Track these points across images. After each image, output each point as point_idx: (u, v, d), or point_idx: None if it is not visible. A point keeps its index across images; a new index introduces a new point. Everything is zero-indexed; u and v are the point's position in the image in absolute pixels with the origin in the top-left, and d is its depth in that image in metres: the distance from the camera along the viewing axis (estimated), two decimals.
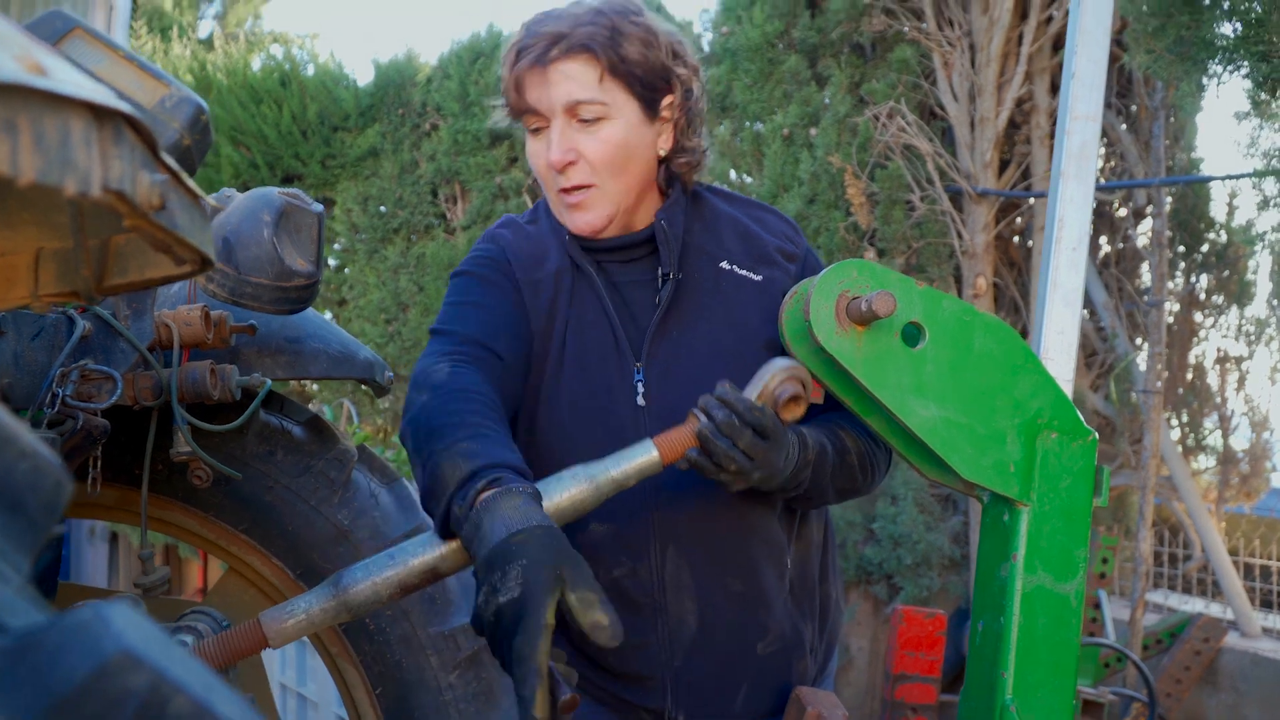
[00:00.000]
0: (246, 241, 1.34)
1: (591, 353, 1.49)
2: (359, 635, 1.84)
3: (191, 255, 0.71)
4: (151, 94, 0.77)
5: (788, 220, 1.62)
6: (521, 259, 1.54)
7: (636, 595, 1.49)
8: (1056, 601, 1.43)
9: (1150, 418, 3.23)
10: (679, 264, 1.50)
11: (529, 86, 1.41)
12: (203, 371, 1.38)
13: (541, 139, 1.44)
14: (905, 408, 1.39)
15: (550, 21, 1.42)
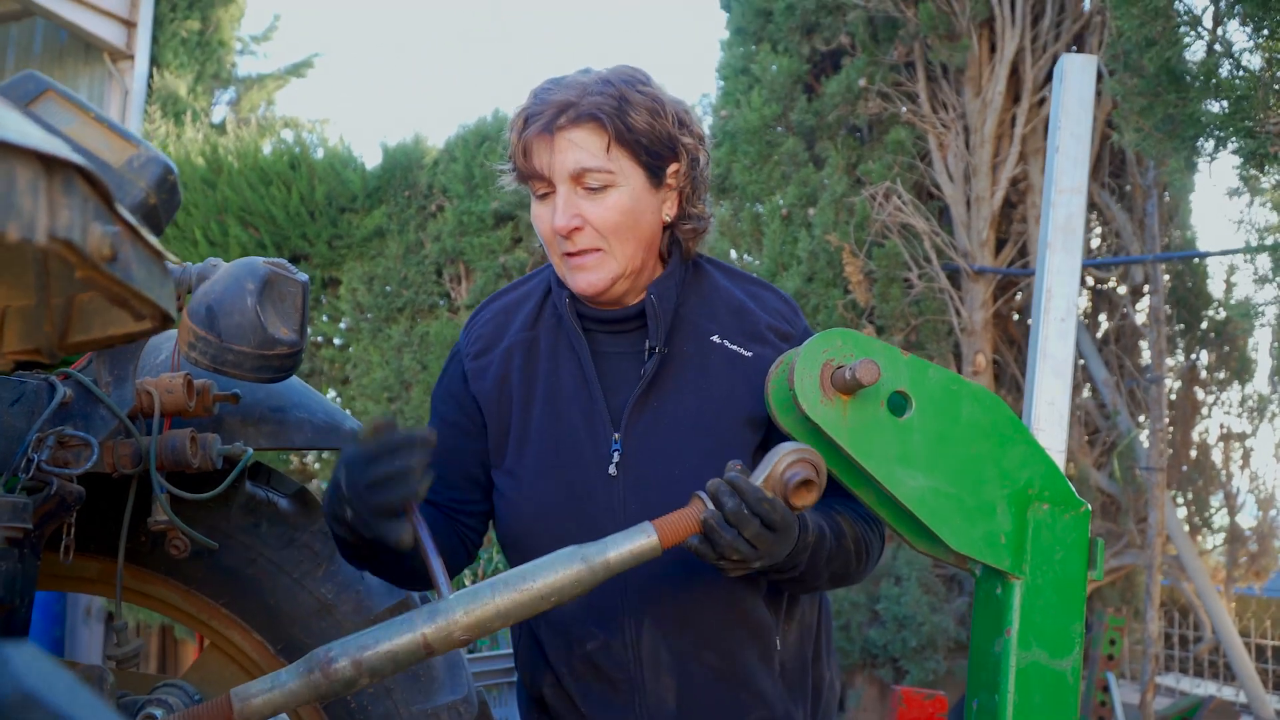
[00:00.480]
0: (230, 309, 1.34)
1: (565, 421, 1.48)
2: (340, 714, 1.80)
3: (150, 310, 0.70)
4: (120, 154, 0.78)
5: (787, 300, 1.61)
6: (478, 346, 1.56)
7: (611, 670, 1.45)
8: (1053, 678, 1.39)
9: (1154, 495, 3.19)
10: (667, 337, 1.49)
11: (536, 152, 1.42)
12: (182, 439, 1.37)
13: (547, 204, 1.45)
14: (892, 478, 1.37)
15: (559, 90, 1.43)
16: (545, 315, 1.56)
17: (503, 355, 1.53)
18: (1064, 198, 1.71)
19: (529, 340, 1.53)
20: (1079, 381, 4.20)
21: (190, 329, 1.35)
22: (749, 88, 4.70)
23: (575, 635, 1.46)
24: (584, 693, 1.47)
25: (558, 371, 1.51)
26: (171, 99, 8.32)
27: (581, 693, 1.47)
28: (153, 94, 8.31)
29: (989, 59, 3.91)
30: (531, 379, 1.52)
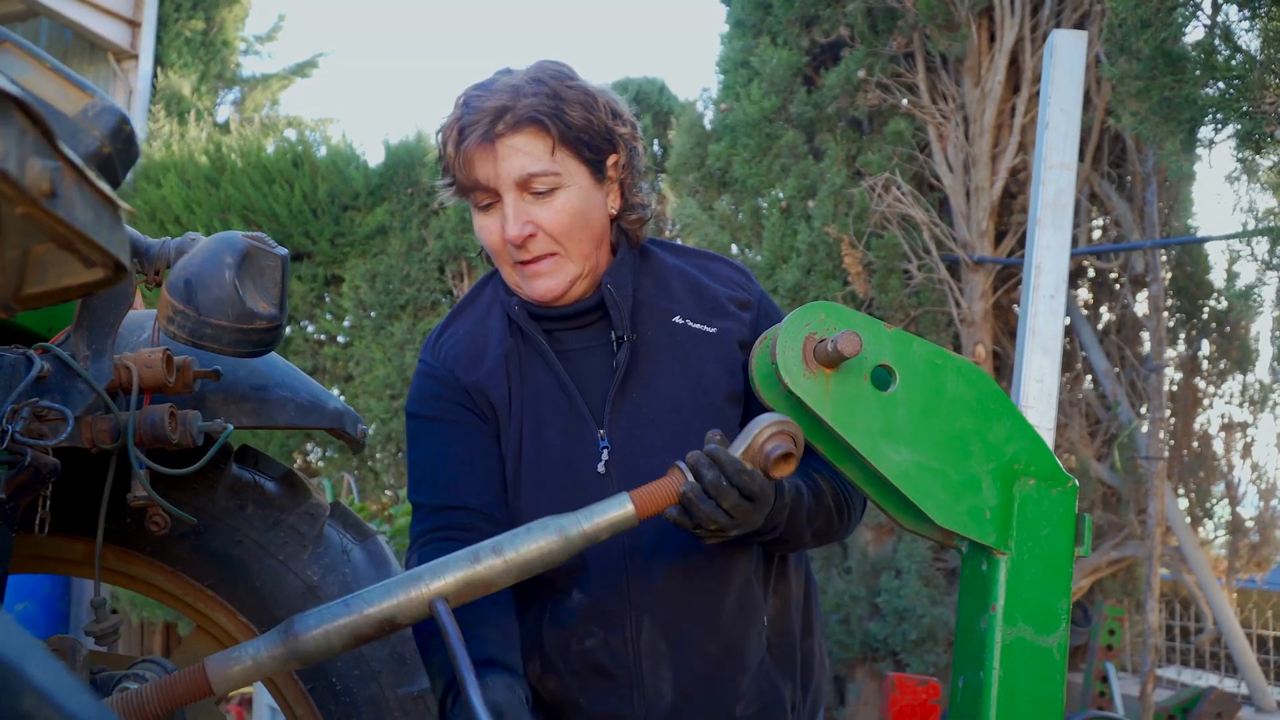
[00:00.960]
0: (207, 283, 1.33)
1: (549, 426, 1.46)
2: (326, 697, 1.79)
3: (100, 256, 0.69)
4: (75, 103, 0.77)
5: (737, 266, 1.60)
6: (464, 363, 1.52)
7: (610, 666, 1.44)
8: (1038, 655, 1.37)
9: (1153, 485, 3.17)
10: (631, 324, 1.47)
11: (478, 163, 1.38)
12: (161, 415, 1.36)
13: (493, 214, 1.42)
14: (876, 452, 1.36)
15: (490, 96, 1.39)
16: (512, 328, 1.53)
17: (503, 362, 1.50)
18: (1054, 173, 1.70)
19: (517, 349, 1.51)
20: (1080, 373, 4.18)
21: (169, 303, 1.35)
22: (748, 81, 4.68)
23: (576, 634, 1.45)
24: (582, 687, 1.47)
25: (533, 379, 1.49)
26: (175, 98, 8.35)
27: (579, 687, 1.47)
28: (157, 93, 8.33)
29: (988, 49, 3.90)
30: (518, 387, 1.50)
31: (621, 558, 1.42)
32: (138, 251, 1.36)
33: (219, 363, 1.57)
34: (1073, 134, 1.64)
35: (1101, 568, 3.83)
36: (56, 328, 1.49)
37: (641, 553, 1.43)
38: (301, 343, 7.23)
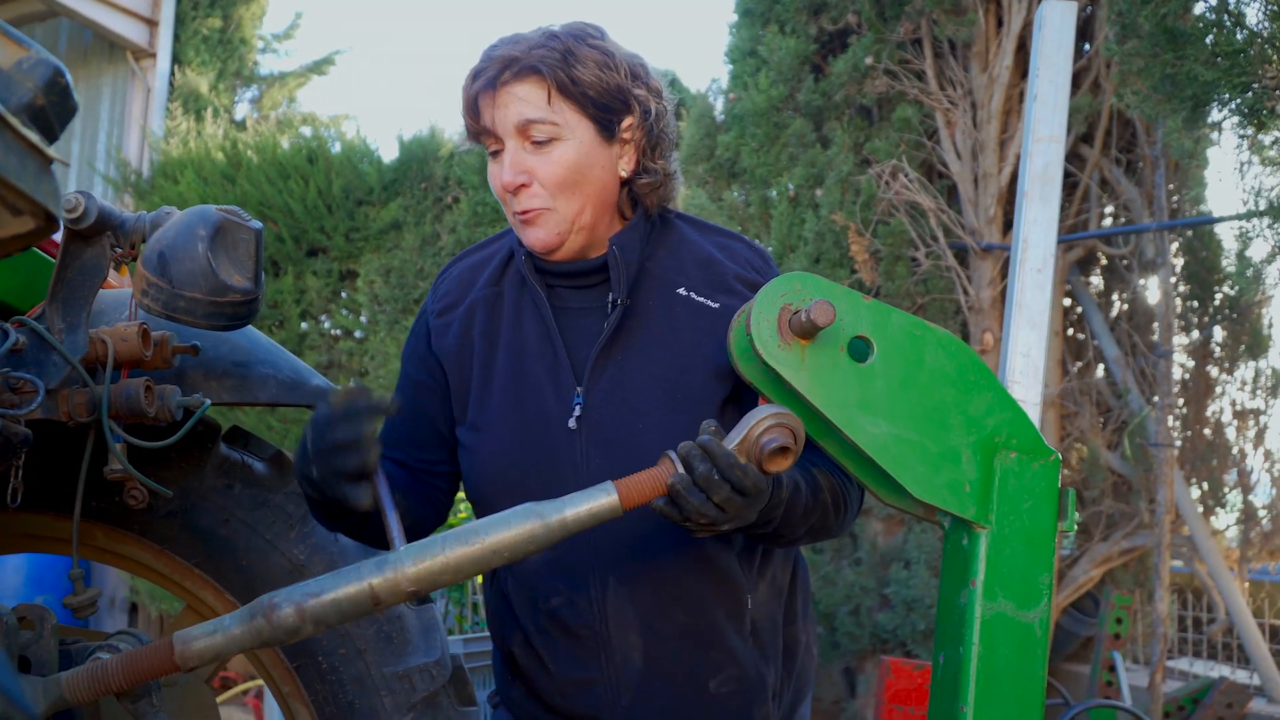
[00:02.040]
0: (181, 256, 1.33)
1: (528, 376, 1.47)
2: (311, 675, 1.79)
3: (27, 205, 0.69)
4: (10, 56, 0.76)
5: (758, 249, 1.58)
6: (443, 304, 1.57)
7: (575, 627, 1.43)
8: (1019, 630, 1.35)
9: (1162, 472, 3.12)
10: (631, 291, 1.47)
11: (483, 109, 1.42)
12: (137, 389, 1.36)
13: (499, 161, 1.44)
14: (853, 424, 1.34)
15: (504, 45, 1.43)
16: (510, 271, 1.55)
17: (465, 312, 1.53)
18: (1041, 146, 1.68)
19: (493, 296, 1.53)
20: (1090, 361, 4.14)
21: (143, 276, 1.35)
22: (756, 70, 4.66)
23: (540, 591, 1.45)
24: (551, 650, 1.46)
25: (521, 327, 1.50)
26: (193, 96, 8.40)
27: (549, 649, 1.46)
28: (175, 92, 8.39)
29: (996, 33, 3.85)
30: (494, 334, 1.51)
31: None
32: (113, 225, 1.36)
33: (199, 338, 1.58)
34: (1061, 106, 1.62)
35: (1113, 557, 3.79)
36: (36, 303, 1.49)
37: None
38: (317, 338, 7.27)
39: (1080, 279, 4.17)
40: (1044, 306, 1.55)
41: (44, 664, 1.17)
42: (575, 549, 1.41)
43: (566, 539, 1.40)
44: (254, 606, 1.18)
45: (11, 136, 0.68)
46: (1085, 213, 4.10)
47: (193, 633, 1.18)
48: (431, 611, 1.95)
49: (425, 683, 1.80)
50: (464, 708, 1.91)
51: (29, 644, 1.16)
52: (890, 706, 2.29)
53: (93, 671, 1.13)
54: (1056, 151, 1.60)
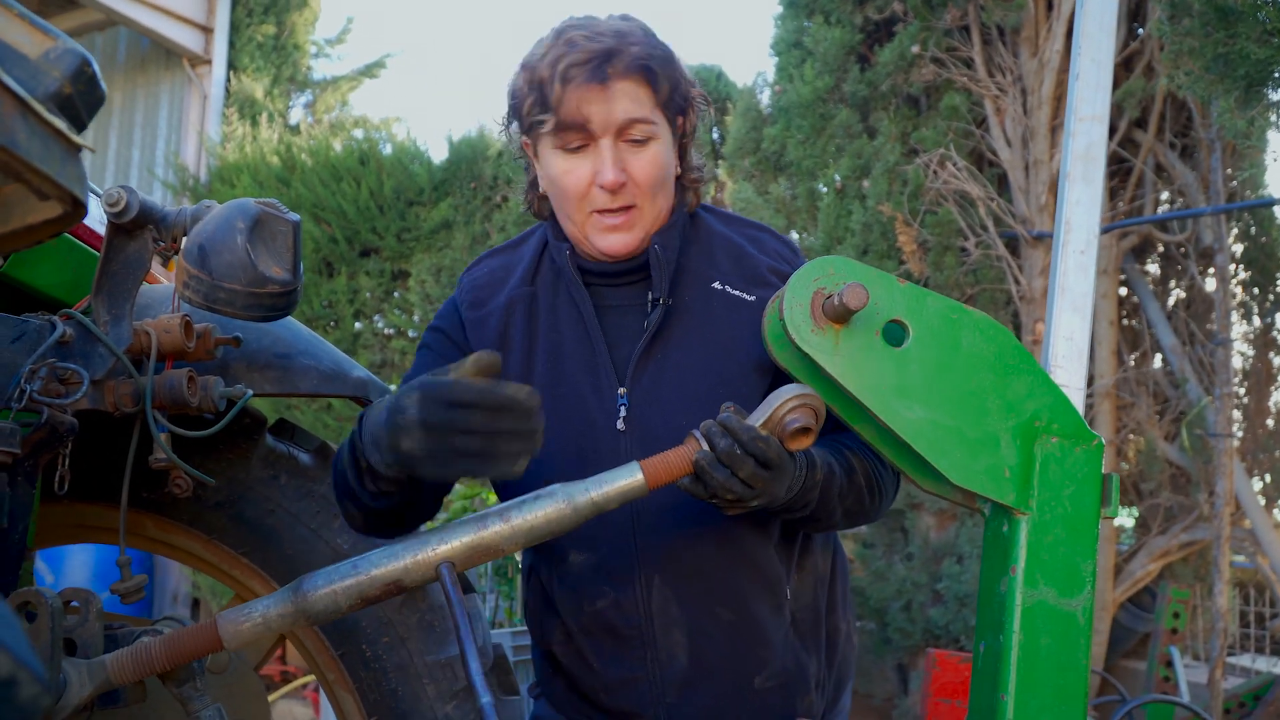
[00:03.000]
0: (220, 248, 1.36)
1: (566, 378, 1.45)
2: (355, 662, 1.81)
3: (54, 190, 0.71)
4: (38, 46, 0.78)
5: (787, 241, 1.57)
6: (472, 298, 1.53)
7: (621, 627, 1.43)
8: (1061, 618, 1.32)
9: (1221, 463, 3.03)
10: (671, 288, 1.45)
11: (577, 101, 1.34)
12: (180, 379, 1.39)
13: (581, 157, 1.39)
14: (889, 409, 1.32)
15: (598, 37, 1.36)
16: (543, 270, 1.53)
17: (503, 309, 1.50)
18: (1084, 125, 1.64)
19: (528, 295, 1.51)
20: (1147, 350, 4.04)
21: (184, 268, 1.38)
22: (801, 61, 4.62)
23: (586, 594, 1.44)
24: (595, 649, 1.46)
25: (558, 327, 1.48)
26: (249, 102, 8.57)
27: (593, 649, 1.46)
28: (230, 97, 8.57)
29: (1046, 18, 3.78)
30: (532, 334, 1.49)
31: (629, 516, 1.41)
32: (155, 220, 1.39)
33: (242, 331, 1.61)
34: (1104, 85, 1.58)
35: (1172, 551, 3.69)
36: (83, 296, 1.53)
37: (649, 511, 1.41)
38: (370, 337, 7.37)
39: (1135, 267, 4.07)
40: (1088, 290, 1.51)
41: (90, 647, 1.21)
42: (619, 552, 1.41)
43: (610, 543, 1.41)
44: (293, 587, 1.20)
45: (37, 123, 0.70)
46: (1140, 198, 4.00)
47: (236, 614, 1.20)
48: (474, 601, 1.96)
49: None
50: (506, 697, 1.93)
51: (75, 627, 1.19)
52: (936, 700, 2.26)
53: (137, 652, 1.16)
54: (1100, 131, 1.57)
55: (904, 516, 4.47)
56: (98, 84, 0.80)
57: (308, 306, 7.29)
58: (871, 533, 4.65)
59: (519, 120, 1.44)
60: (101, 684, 1.17)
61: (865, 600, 4.42)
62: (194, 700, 1.42)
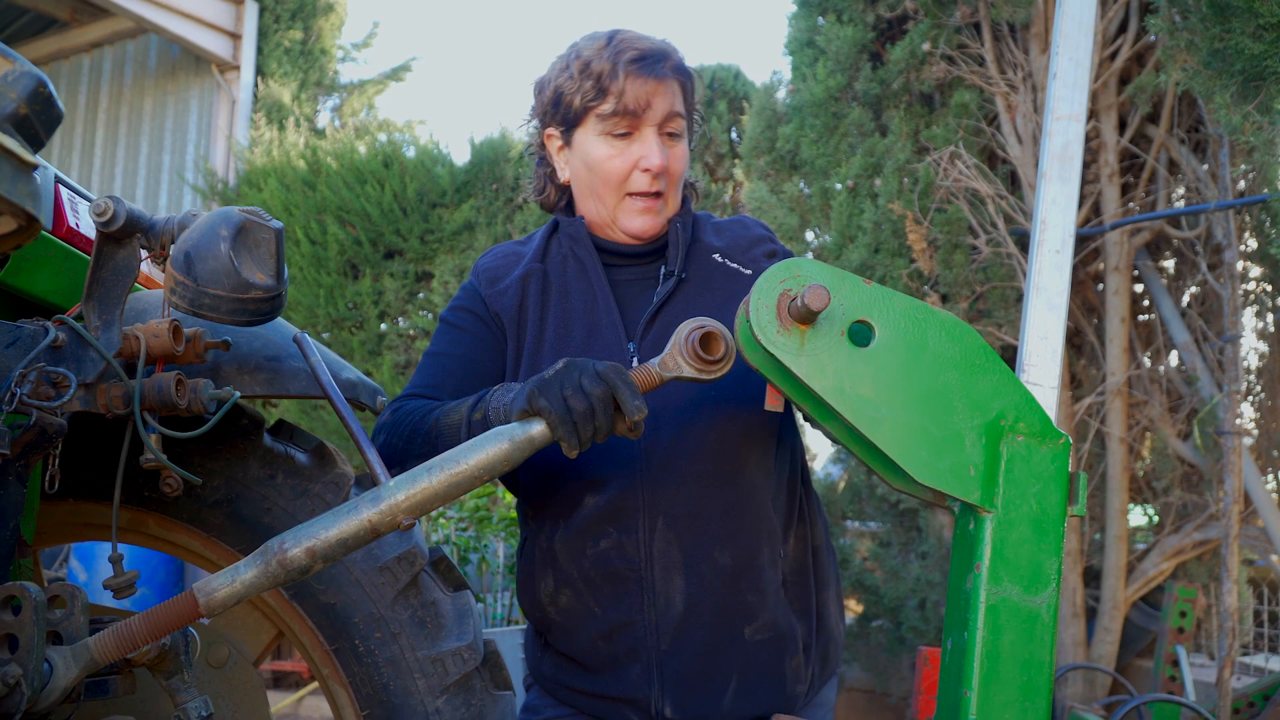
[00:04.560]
0: (204, 255, 1.40)
1: (578, 337, 1.56)
2: (349, 657, 1.86)
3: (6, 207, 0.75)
4: None
5: (761, 224, 1.72)
6: (489, 277, 1.66)
7: (623, 568, 1.50)
8: (1025, 615, 1.34)
9: (1230, 460, 3.01)
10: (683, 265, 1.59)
11: (636, 89, 1.52)
12: (168, 382, 1.44)
13: (626, 144, 1.54)
14: (855, 409, 1.34)
15: (649, 40, 1.56)
16: (552, 252, 1.66)
17: (519, 281, 1.63)
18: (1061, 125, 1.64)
19: (540, 271, 1.64)
20: (1160, 348, 4.00)
21: (171, 275, 1.42)
22: (814, 60, 4.62)
23: (590, 535, 1.52)
24: (595, 594, 1.53)
25: (569, 299, 1.60)
26: (276, 106, 8.70)
27: (593, 594, 1.53)
28: (258, 102, 8.70)
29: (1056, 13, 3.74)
30: (544, 305, 1.61)
31: (637, 460, 1.49)
32: (143, 228, 1.44)
33: (233, 334, 1.65)
34: (1082, 84, 1.59)
35: (1185, 550, 3.66)
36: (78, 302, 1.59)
37: (657, 455, 1.49)
38: (395, 338, 7.45)
39: (1149, 263, 4.03)
40: (1063, 288, 1.52)
41: (75, 639, 1.25)
42: (626, 493, 1.49)
43: (619, 484, 1.49)
44: (264, 550, 1.25)
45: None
46: (1153, 194, 3.97)
47: (211, 582, 1.25)
48: (466, 598, 2.00)
49: (458, 666, 1.85)
50: (499, 691, 1.96)
51: (60, 620, 1.24)
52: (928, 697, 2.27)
53: (118, 631, 1.21)
54: (1077, 130, 1.58)
55: (918, 515, 4.47)
56: (54, 104, 0.84)
57: (333, 308, 7.40)
58: (887, 531, 4.65)
59: (561, 110, 1.58)
60: (87, 664, 1.22)
61: (880, 598, 4.42)
62: (181, 692, 1.47)
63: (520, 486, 1.62)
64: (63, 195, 1.61)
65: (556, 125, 1.60)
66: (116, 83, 9.42)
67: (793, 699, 1.56)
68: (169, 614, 1.21)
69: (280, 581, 1.23)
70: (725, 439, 1.52)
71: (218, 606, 1.22)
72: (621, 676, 1.52)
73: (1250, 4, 2.12)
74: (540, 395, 1.25)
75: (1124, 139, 3.91)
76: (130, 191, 9.09)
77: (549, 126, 1.62)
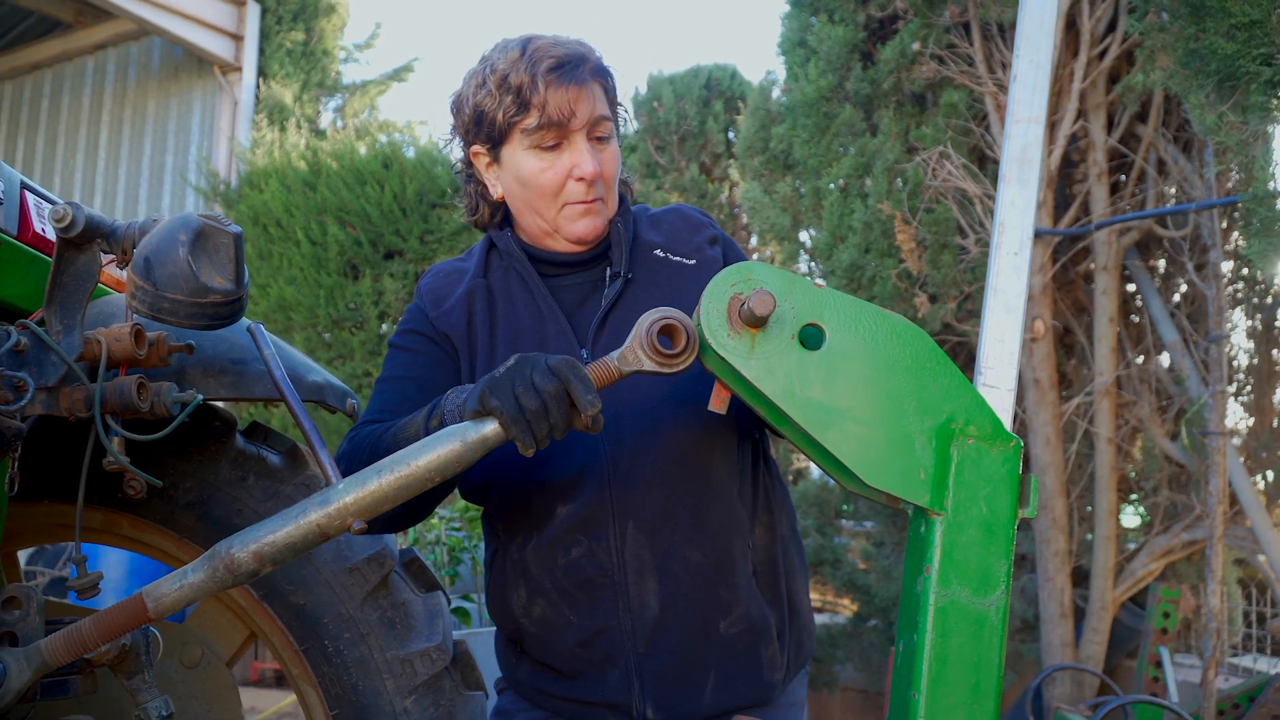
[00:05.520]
0: (164, 260, 1.41)
1: (528, 348, 1.53)
2: (318, 658, 1.87)
3: None
4: None
5: (699, 210, 1.71)
6: (432, 299, 1.64)
7: (595, 575, 1.49)
8: (974, 617, 1.34)
9: (1215, 461, 3.00)
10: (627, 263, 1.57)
11: (559, 100, 1.47)
12: (129, 385, 1.45)
13: (555, 155, 1.50)
14: (805, 412, 1.35)
15: (568, 45, 1.51)
16: (493, 266, 1.64)
17: (464, 298, 1.60)
18: (1020, 127, 1.65)
19: (484, 286, 1.61)
20: (1149, 347, 3.99)
21: (131, 279, 1.44)
22: (806, 60, 4.62)
23: (562, 545, 1.51)
24: (570, 603, 1.52)
25: (515, 310, 1.58)
26: (278, 108, 8.73)
27: (568, 604, 1.52)
28: (260, 104, 8.73)
29: None
30: (493, 320, 1.59)
31: (604, 466, 1.48)
32: (104, 233, 1.45)
33: (200, 337, 1.67)
34: (1041, 87, 1.59)
35: (1175, 550, 3.66)
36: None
37: (623, 460, 1.48)
38: None
39: (1138, 263, 4.02)
40: (1020, 290, 1.53)
41: (31, 640, 1.27)
42: (595, 500, 1.49)
43: (588, 492, 1.49)
44: (212, 554, 1.25)
45: None
46: (1141, 193, 3.96)
47: (160, 586, 1.25)
48: (437, 599, 2.01)
49: (426, 667, 1.87)
50: (469, 692, 1.98)
51: (16, 622, 1.26)
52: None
53: (69, 633, 1.22)
54: (1036, 133, 1.58)
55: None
56: None
57: (334, 308, 7.42)
58: (880, 531, 4.65)
59: (485, 128, 1.54)
60: (40, 667, 1.24)
61: (872, 598, 4.42)
62: (142, 691, 1.49)
63: (490, 502, 1.60)
64: (29, 201, 1.63)
65: (482, 143, 1.55)
66: (120, 85, 9.47)
67: (770, 687, 1.57)
68: (118, 617, 1.22)
69: (228, 585, 1.23)
70: (690, 438, 1.52)
71: (166, 610, 1.22)
72: (601, 682, 1.52)
73: (1223, 4, 2.12)
74: (492, 394, 1.23)
75: (1113, 138, 3.90)
76: (133, 193, 9.14)
77: (474, 145, 1.57)
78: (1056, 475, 3.70)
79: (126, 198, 9.16)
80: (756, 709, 1.61)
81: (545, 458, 1.50)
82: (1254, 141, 2.18)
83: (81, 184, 9.41)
